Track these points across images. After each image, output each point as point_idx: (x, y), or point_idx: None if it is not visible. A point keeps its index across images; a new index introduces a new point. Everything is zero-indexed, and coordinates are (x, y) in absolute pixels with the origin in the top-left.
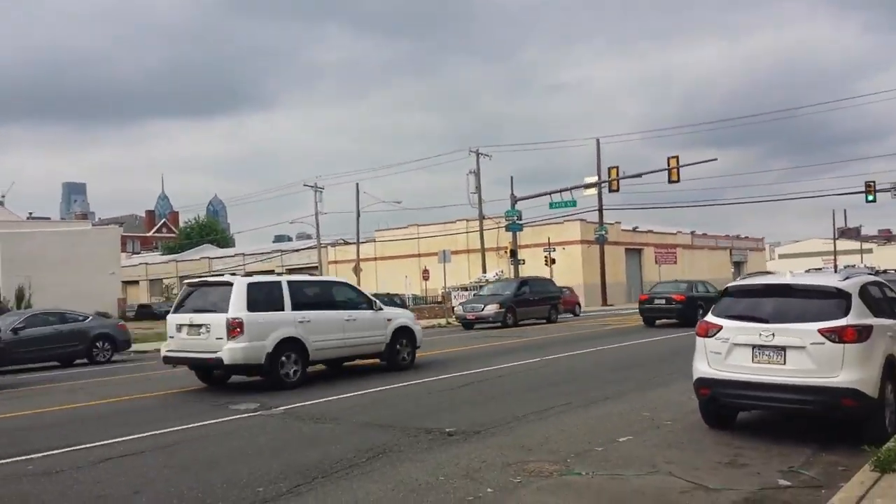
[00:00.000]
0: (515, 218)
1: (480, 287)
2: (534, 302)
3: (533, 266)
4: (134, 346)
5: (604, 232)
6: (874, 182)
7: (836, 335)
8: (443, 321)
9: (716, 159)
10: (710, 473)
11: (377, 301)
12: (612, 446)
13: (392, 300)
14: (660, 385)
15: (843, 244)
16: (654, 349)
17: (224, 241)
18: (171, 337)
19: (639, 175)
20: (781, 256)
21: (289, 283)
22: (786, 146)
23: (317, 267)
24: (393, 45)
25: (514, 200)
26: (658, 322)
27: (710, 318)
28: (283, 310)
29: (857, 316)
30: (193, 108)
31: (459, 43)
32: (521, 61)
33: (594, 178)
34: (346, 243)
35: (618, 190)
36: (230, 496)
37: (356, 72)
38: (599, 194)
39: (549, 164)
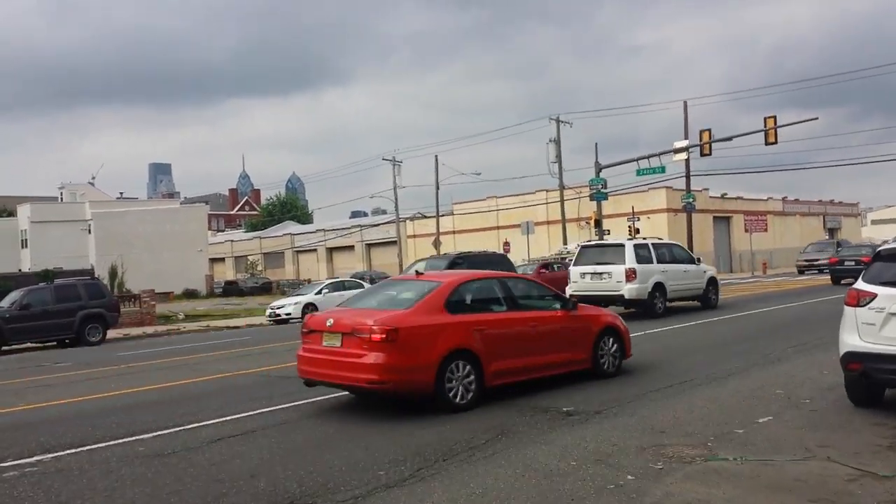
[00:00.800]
0: (600, 186)
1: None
2: None
3: (616, 236)
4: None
5: (691, 199)
6: None
7: None
8: None
9: (816, 118)
10: (874, 458)
11: (700, 258)
12: (753, 428)
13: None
14: (783, 359)
15: None
16: (767, 320)
17: (304, 217)
18: (575, 282)
19: (729, 138)
20: (874, 222)
21: (653, 245)
22: (878, 106)
23: (395, 241)
24: (464, 13)
25: (599, 168)
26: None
27: (861, 285)
28: (652, 263)
29: None
30: (271, 87)
31: (531, 8)
32: (595, 24)
33: (684, 143)
34: (425, 217)
35: (710, 154)
36: (352, 481)
37: (429, 43)
38: (687, 160)
39: (629, 131)
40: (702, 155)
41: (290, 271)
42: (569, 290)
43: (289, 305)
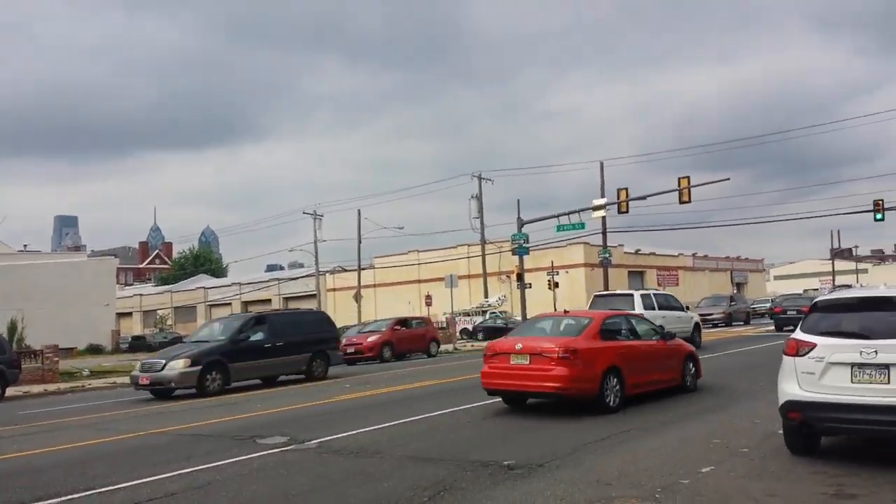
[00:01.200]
0: (522, 241)
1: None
2: (272, 351)
3: (536, 290)
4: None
5: (608, 255)
6: (882, 200)
7: None
8: (450, 347)
9: (728, 178)
10: None
11: (688, 306)
12: (698, 478)
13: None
14: (716, 409)
15: (838, 264)
16: None
17: (219, 270)
18: None
19: (645, 197)
20: (777, 278)
21: (654, 294)
22: (779, 169)
23: (315, 294)
24: (387, 75)
25: (521, 223)
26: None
27: (799, 335)
28: (654, 310)
29: None
30: (188, 140)
31: (453, 71)
32: (514, 89)
33: (602, 201)
34: (345, 270)
35: (627, 211)
36: None
37: (352, 102)
38: (603, 218)
39: (545, 190)
40: (619, 212)
41: None
42: None
43: None
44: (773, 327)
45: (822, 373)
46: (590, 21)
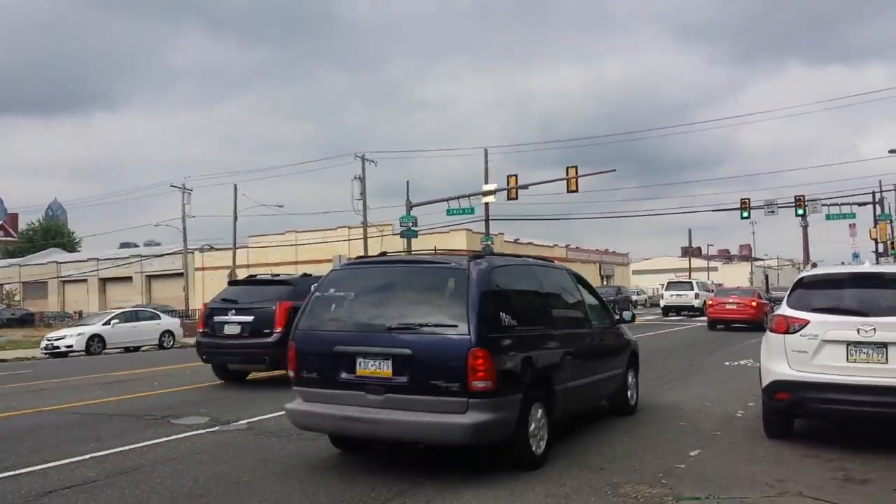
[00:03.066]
0: (411, 224)
1: None
2: None
3: None
4: None
5: (490, 241)
6: (749, 199)
7: None
8: None
9: (614, 170)
10: (842, 492)
11: None
12: (692, 462)
13: None
14: (661, 393)
15: (687, 262)
16: None
17: (70, 245)
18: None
19: (533, 185)
20: (635, 272)
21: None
22: (634, 168)
23: (182, 273)
24: (255, 51)
25: (410, 206)
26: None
27: (788, 311)
28: None
29: None
30: (33, 107)
31: (323, 53)
32: (386, 75)
33: (492, 186)
34: (214, 249)
35: (516, 198)
36: None
37: (217, 76)
38: (486, 205)
39: (418, 178)
40: (508, 199)
41: (54, 303)
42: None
43: (70, 337)
44: (659, 314)
45: (816, 351)
46: (455, 13)
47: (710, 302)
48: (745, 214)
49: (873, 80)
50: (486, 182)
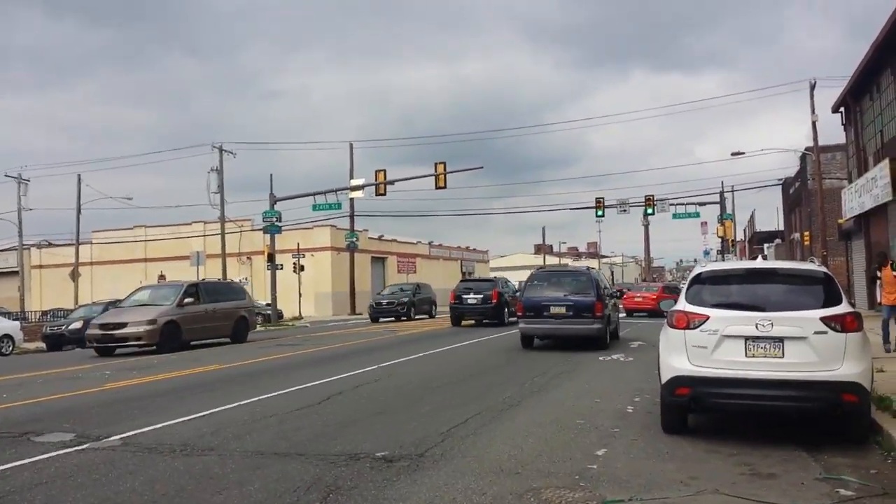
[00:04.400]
0: (275, 219)
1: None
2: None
3: (281, 273)
4: None
5: (355, 238)
6: (603, 198)
7: (839, 324)
8: None
9: (482, 167)
10: (753, 486)
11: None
12: (602, 462)
13: None
14: (544, 390)
15: (542, 259)
16: (461, 355)
17: None
18: None
19: (393, 182)
20: (493, 269)
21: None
22: (490, 167)
23: (17, 271)
24: (95, 33)
25: (274, 200)
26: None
27: (688, 307)
28: None
29: (846, 303)
30: None
31: (172, 38)
32: (240, 64)
33: (360, 181)
34: (52, 245)
35: (384, 194)
36: None
37: (53, 59)
38: (351, 200)
39: (271, 170)
40: (377, 194)
41: None
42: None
43: None
44: None
45: (715, 346)
46: (311, 3)
47: (626, 295)
48: (600, 213)
49: (708, 88)
50: (352, 177)
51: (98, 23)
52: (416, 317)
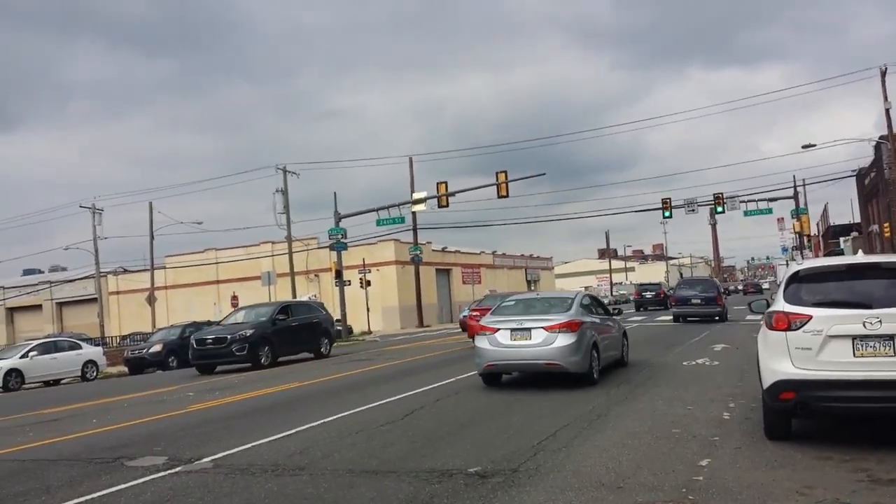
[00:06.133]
0: (340, 236)
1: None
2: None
3: (348, 289)
4: None
5: (419, 251)
6: (670, 199)
7: None
8: None
9: (544, 173)
10: (875, 494)
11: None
12: (707, 473)
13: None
14: (632, 398)
15: (606, 264)
16: None
17: None
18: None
19: (453, 193)
20: (557, 276)
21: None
22: (548, 174)
23: (96, 298)
24: (154, 63)
25: (339, 217)
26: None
27: (787, 307)
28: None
29: None
30: None
31: (228, 65)
32: (295, 87)
33: (423, 194)
34: (127, 271)
35: (447, 205)
36: None
37: (115, 91)
38: (414, 213)
39: (334, 188)
40: (439, 206)
41: None
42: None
43: None
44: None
45: (821, 347)
46: (364, 21)
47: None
48: (667, 213)
49: (768, 82)
50: (413, 190)
51: (153, 55)
52: (278, 360)
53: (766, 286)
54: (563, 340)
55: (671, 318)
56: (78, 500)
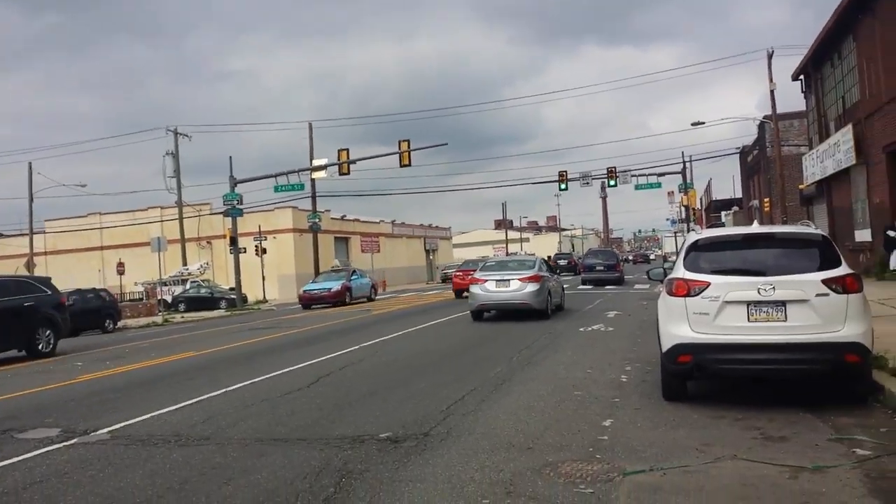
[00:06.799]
0: (235, 202)
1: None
2: None
3: (242, 256)
4: None
5: (318, 219)
6: (566, 172)
7: (840, 285)
8: (158, 318)
9: (446, 143)
10: (769, 451)
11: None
12: (611, 432)
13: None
14: (532, 363)
15: (502, 234)
16: (453, 332)
17: None
18: None
19: (354, 161)
20: (455, 246)
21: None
22: (450, 144)
23: None
24: (38, 17)
25: (234, 182)
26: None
27: (687, 274)
28: None
29: (845, 265)
30: None
31: (116, 22)
32: (189, 47)
33: (323, 161)
34: (3, 236)
35: (348, 173)
36: None
37: None
38: (313, 181)
39: (227, 153)
40: (340, 174)
41: None
42: None
43: None
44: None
45: (717, 313)
46: None
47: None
48: (563, 186)
49: (658, 61)
50: (312, 157)
51: (38, 9)
52: None
53: (652, 257)
54: (531, 288)
55: (580, 282)
56: None
